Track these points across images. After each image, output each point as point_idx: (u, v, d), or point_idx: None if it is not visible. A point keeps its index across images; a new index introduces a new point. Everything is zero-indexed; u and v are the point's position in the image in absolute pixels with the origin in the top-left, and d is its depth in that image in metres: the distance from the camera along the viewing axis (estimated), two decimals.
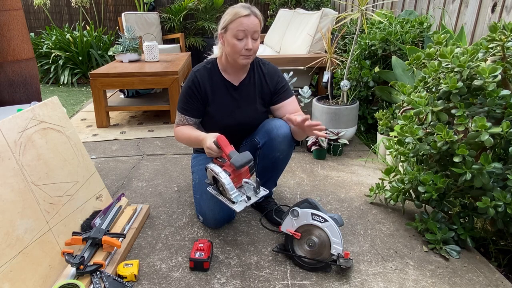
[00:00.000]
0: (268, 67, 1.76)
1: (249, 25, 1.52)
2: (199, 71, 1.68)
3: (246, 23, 1.51)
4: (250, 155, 1.44)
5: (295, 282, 1.43)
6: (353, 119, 2.62)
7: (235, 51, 1.56)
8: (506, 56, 1.54)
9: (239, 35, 1.53)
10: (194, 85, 1.66)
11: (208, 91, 1.68)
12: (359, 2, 2.41)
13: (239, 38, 1.53)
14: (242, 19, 1.51)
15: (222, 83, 1.69)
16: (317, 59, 3.04)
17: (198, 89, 1.66)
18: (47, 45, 4.87)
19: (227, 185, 1.42)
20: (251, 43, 1.55)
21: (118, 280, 1.39)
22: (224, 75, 1.69)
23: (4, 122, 1.39)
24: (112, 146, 2.80)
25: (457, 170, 1.47)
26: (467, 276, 1.47)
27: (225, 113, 1.70)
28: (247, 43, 1.54)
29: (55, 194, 1.50)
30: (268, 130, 1.67)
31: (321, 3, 4.74)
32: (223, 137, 1.50)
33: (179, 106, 1.72)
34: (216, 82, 1.69)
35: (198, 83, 1.66)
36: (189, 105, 1.69)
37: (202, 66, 1.70)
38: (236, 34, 1.53)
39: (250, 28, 1.52)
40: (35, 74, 2.72)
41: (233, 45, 1.55)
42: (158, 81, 3.11)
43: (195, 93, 1.67)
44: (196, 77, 1.67)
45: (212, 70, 1.69)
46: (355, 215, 1.88)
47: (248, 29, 1.52)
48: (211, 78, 1.68)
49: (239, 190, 1.46)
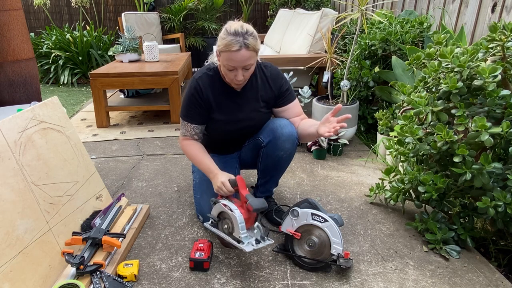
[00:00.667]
0: (270, 70, 1.74)
1: (238, 61, 1.48)
2: (201, 78, 1.65)
3: (235, 60, 1.48)
4: (266, 203, 1.47)
5: (295, 282, 1.43)
6: (353, 119, 2.62)
7: (226, 77, 1.58)
8: (506, 56, 1.54)
9: (229, 68, 1.52)
10: (197, 93, 1.64)
11: (211, 98, 1.65)
12: (359, 2, 2.41)
13: (229, 70, 1.53)
14: (231, 55, 1.47)
15: (225, 89, 1.67)
16: (317, 59, 3.04)
17: (201, 96, 1.64)
18: (47, 45, 4.87)
19: (240, 223, 1.42)
20: (241, 73, 1.52)
21: (118, 280, 1.39)
22: (226, 82, 1.67)
23: (4, 122, 1.39)
24: (112, 146, 2.80)
25: (457, 170, 1.47)
26: (467, 276, 1.47)
27: (229, 118, 1.69)
28: (237, 75, 1.52)
29: (55, 194, 1.50)
30: (273, 129, 1.67)
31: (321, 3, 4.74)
32: (241, 178, 1.54)
33: (182, 114, 1.69)
34: (219, 89, 1.67)
35: (201, 90, 1.64)
36: (193, 112, 1.66)
37: (204, 73, 1.67)
38: (226, 66, 1.52)
39: (240, 63, 1.49)
40: (35, 74, 2.72)
41: (224, 72, 1.56)
42: (158, 81, 3.11)
43: (198, 100, 1.64)
44: (199, 84, 1.64)
45: (214, 77, 1.66)
46: (355, 215, 1.88)
47: (238, 64, 1.49)
48: (213, 85, 1.66)
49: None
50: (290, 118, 1.75)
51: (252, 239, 1.43)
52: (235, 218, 1.43)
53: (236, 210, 1.45)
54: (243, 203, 1.52)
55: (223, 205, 1.49)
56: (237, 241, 1.43)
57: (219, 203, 1.51)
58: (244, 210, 1.49)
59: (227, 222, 1.49)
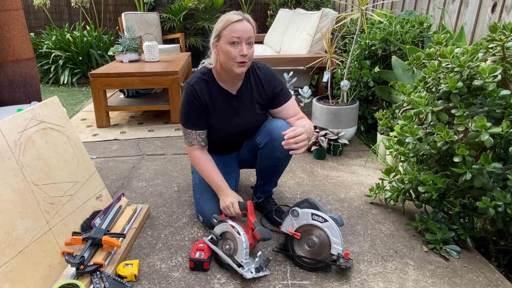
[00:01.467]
0: (264, 71, 1.72)
1: (242, 30, 1.48)
2: (196, 83, 1.63)
3: (239, 29, 1.48)
4: (271, 234, 1.50)
5: (295, 282, 1.43)
6: (353, 119, 2.62)
7: (229, 58, 1.51)
8: (506, 56, 1.54)
9: (233, 41, 1.49)
10: (194, 97, 1.62)
11: (208, 102, 1.64)
12: (359, 2, 2.41)
13: (233, 43, 1.49)
14: (235, 25, 1.48)
15: (221, 93, 1.66)
16: (317, 59, 3.04)
17: (198, 100, 1.62)
18: (47, 45, 4.87)
19: (246, 248, 1.42)
20: (246, 48, 1.50)
21: (118, 280, 1.39)
22: (221, 85, 1.66)
23: (4, 122, 1.39)
24: (112, 146, 2.80)
25: (457, 170, 1.47)
26: (467, 276, 1.47)
27: (226, 122, 1.68)
28: (242, 49, 1.50)
29: (55, 194, 1.50)
30: (270, 131, 1.67)
31: (321, 3, 4.74)
32: (252, 203, 1.57)
33: (183, 122, 1.66)
34: (215, 92, 1.65)
35: (198, 95, 1.62)
36: (193, 118, 1.64)
37: (199, 78, 1.64)
38: (230, 40, 1.49)
39: (244, 33, 1.49)
40: (35, 74, 2.72)
41: (227, 52, 1.51)
42: (158, 81, 3.11)
43: (197, 105, 1.62)
44: (195, 89, 1.62)
45: (209, 81, 1.64)
46: (355, 215, 1.88)
47: (242, 34, 1.48)
48: (209, 89, 1.64)
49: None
50: (286, 118, 1.74)
51: (252, 266, 1.42)
52: (241, 242, 1.43)
53: (244, 235, 1.45)
54: (249, 229, 1.53)
55: (230, 225, 1.48)
56: (238, 265, 1.43)
57: (227, 223, 1.50)
58: (249, 236, 1.49)
59: (229, 243, 1.48)
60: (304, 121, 1.68)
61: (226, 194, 1.60)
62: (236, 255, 1.44)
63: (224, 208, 1.59)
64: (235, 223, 1.50)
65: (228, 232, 1.49)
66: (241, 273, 1.40)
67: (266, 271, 1.45)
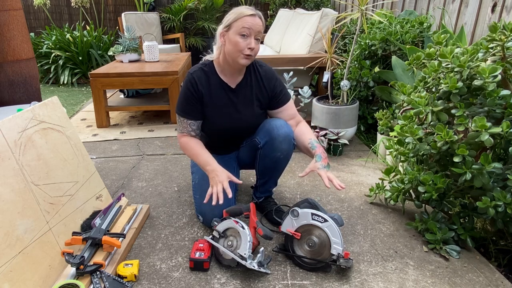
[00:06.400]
0: (265, 69, 1.74)
1: (254, 24, 1.53)
2: (196, 73, 1.66)
3: (251, 22, 1.52)
4: (272, 234, 1.53)
5: (295, 282, 1.43)
6: (353, 119, 2.62)
7: (237, 49, 1.54)
8: (506, 56, 1.54)
9: (243, 32, 1.52)
10: (192, 86, 1.64)
11: (205, 92, 1.66)
12: (359, 2, 2.41)
13: (243, 35, 1.53)
14: (247, 18, 1.52)
15: (220, 85, 1.68)
16: (317, 59, 3.04)
17: (195, 89, 1.64)
18: (47, 45, 4.87)
19: (249, 241, 1.44)
20: (254, 42, 1.55)
21: (118, 280, 1.39)
22: (221, 77, 1.68)
23: (4, 122, 1.39)
24: (112, 146, 2.80)
25: (457, 170, 1.47)
26: (467, 276, 1.47)
27: (222, 115, 1.69)
28: (250, 42, 1.54)
29: (55, 194, 1.50)
30: (269, 130, 1.67)
31: (321, 3, 4.74)
32: (254, 205, 1.61)
33: (178, 109, 1.69)
34: (213, 83, 1.67)
35: (196, 84, 1.64)
36: (188, 107, 1.67)
37: (199, 68, 1.67)
38: (240, 31, 1.52)
39: (255, 28, 1.53)
40: (35, 74, 2.72)
41: (235, 43, 1.54)
42: (158, 81, 3.11)
43: (194, 93, 1.65)
44: (193, 78, 1.65)
45: (209, 72, 1.67)
46: (355, 215, 1.88)
47: (253, 27, 1.53)
48: (208, 79, 1.67)
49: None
50: (285, 119, 1.75)
51: (254, 261, 1.44)
52: (245, 235, 1.45)
53: (248, 228, 1.47)
54: (251, 228, 1.55)
55: (234, 221, 1.50)
56: (240, 257, 1.44)
57: (230, 219, 1.52)
58: (252, 234, 1.52)
59: (231, 239, 1.50)
60: (308, 133, 1.69)
61: (215, 171, 1.54)
62: (240, 249, 1.45)
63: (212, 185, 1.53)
64: (238, 220, 1.52)
65: (231, 229, 1.51)
66: (244, 264, 1.40)
67: (267, 269, 1.46)
